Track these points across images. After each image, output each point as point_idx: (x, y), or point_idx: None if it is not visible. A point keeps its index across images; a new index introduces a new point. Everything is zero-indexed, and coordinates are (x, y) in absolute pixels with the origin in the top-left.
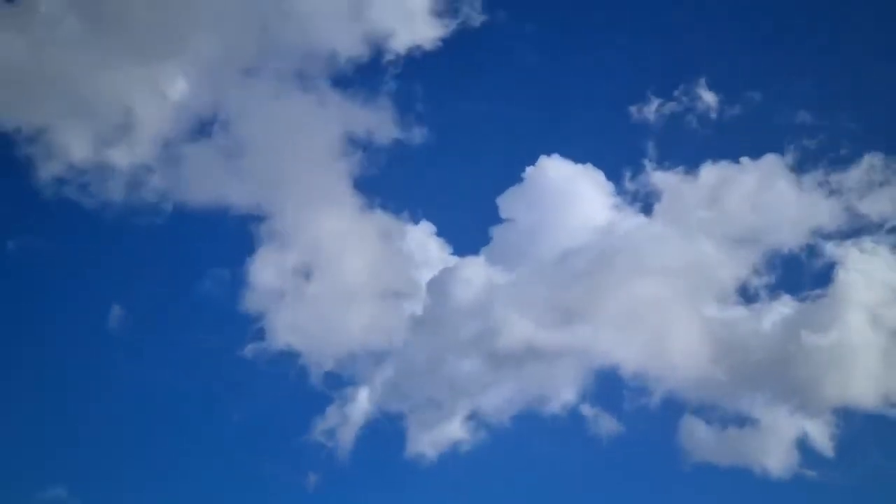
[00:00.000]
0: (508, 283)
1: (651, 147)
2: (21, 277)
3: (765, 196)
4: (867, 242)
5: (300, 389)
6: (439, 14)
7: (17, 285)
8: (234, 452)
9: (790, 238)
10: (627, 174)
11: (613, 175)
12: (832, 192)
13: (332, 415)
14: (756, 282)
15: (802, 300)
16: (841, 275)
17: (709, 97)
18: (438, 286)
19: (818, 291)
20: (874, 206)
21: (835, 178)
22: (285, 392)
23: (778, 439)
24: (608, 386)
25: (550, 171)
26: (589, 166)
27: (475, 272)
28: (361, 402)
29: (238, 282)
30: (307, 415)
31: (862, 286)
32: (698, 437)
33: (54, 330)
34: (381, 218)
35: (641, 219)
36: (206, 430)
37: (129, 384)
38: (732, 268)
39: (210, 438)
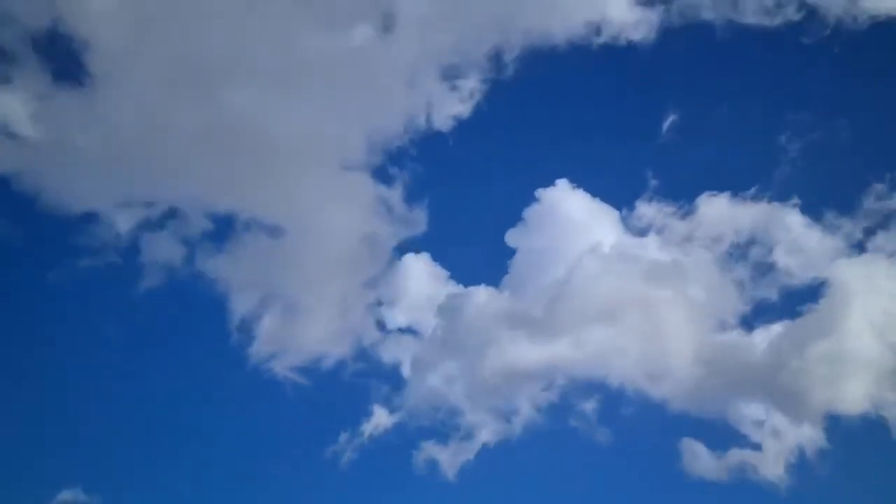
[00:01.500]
0: (511, 309)
1: (654, 176)
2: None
3: (762, 223)
4: (862, 256)
5: (311, 407)
6: None
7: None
8: (248, 460)
9: (788, 264)
10: (631, 201)
11: (616, 203)
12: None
13: (344, 434)
14: (753, 306)
15: (796, 317)
16: (834, 289)
17: (709, 128)
18: (446, 312)
19: (812, 306)
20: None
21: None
22: (298, 408)
23: (774, 454)
24: (610, 404)
25: (554, 200)
26: (590, 194)
27: (480, 299)
28: (373, 423)
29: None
30: (319, 433)
31: (856, 299)
32: (696, 453)
33: (69, 334)
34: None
35: (643, 246)
36: (221, 437)
37: (142, 388)
38: (730, 293)
39: (224, 445)
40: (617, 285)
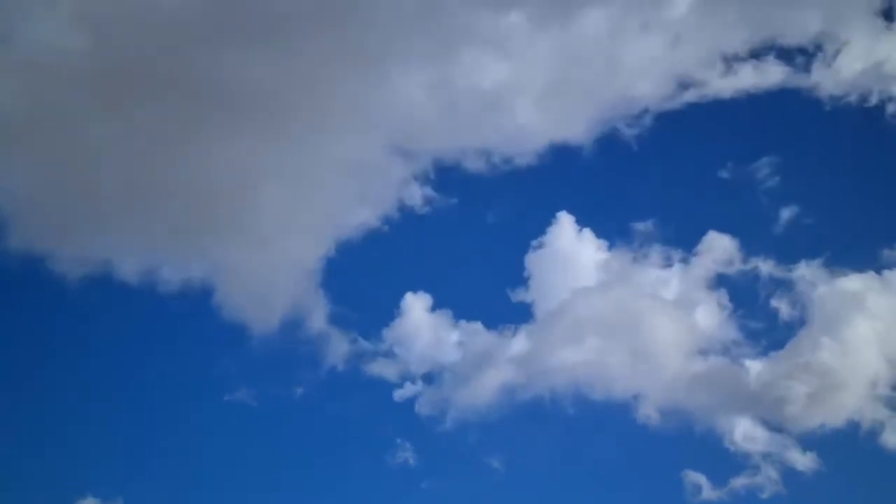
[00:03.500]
0: (512, 343)
1: (657, 215)
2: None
3: (761, 260)
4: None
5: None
6: None
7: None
8: (269, 468)
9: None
10: (633, 237)
11: (618, 237)
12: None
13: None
14: (749, 333)
15: (790, 339)
16: (820, 306)
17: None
18: (451, 349)
19: (807, 325)
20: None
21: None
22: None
23: (768, 470)
24: (619, 430)
25: (555, 237)
26: (591, 229)
27: (481, 336)
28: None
29: None
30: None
31: (847, 317)
32: (696, 479)
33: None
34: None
35: (642, 280)
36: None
37: (160, 394)
38: (728, 323)
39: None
40: (622, 316)
